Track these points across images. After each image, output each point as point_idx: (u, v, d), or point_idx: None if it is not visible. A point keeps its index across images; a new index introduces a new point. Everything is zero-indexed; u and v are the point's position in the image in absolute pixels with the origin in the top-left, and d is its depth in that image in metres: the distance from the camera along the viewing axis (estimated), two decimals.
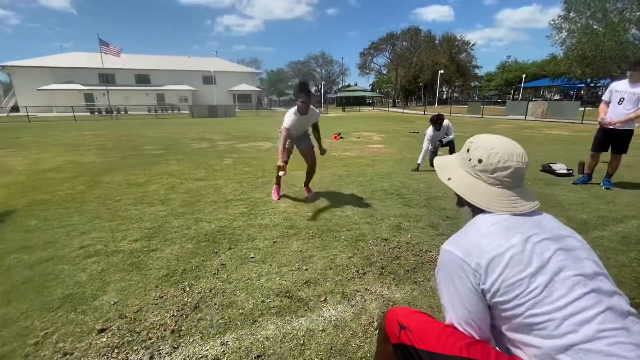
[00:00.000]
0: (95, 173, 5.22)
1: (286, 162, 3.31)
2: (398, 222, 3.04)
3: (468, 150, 0.94)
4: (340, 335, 1.58)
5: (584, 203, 3.64)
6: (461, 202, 1.04)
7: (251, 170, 5.37)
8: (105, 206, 3.54)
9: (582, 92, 40.39)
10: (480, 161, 0.89)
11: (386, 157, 6.72)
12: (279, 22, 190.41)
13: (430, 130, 5.27)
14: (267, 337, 1.56)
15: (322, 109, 39.63)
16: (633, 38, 25.04)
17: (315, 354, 1.46)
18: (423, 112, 28.31)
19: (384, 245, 2.56)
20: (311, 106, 3.40)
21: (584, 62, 27.36)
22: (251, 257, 2.37)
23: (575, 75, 32.06)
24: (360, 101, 52.48)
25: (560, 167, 5.11)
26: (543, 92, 52.70)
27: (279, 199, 3.68)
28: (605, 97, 4.28)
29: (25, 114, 23.30)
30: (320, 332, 1.60)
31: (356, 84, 70.79)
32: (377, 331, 1.02)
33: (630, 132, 4.05)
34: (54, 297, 1.88)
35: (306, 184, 3.95)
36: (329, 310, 1.77)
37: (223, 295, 1.90)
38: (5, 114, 29.91)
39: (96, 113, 32.22)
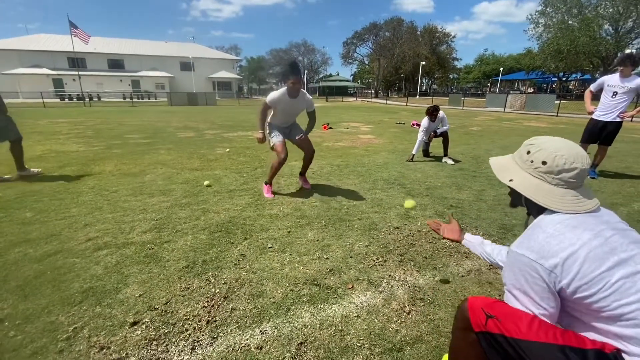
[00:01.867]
0: (83, 163, 4.97)
1: (286, 156, 3.33)
2: (406, 211, 3.11)
3: (528, 152, 0.97)
4: (376, 320, 1.62)
5: None
6: (515, 202, 1.09)
7: (247, 161, 5.29)
8: (103, 197, 3.39)
9: (554, 86, 42.17)
10: (544, 163, 0.92)
11: (379, 148, 6.79)
12: (258, 8, 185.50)
13: (425, 121, 5.36)
14: (304, 325, 1.58)
15: None
16: (606, 34, 26.28)
17: (357, 339, 1.50)
18: (405, 104, 28.66)
19: (397, 234, 2.62)
20: (302, 90, 3.24)
21: (559, 57, 28.50)
22: (269, 247, 2.36)
23: (549, 69, 33.36)
24: (342, 91, 52.48)
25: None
26: (518, 85, 54.53)
27: (273, 196, 3.47)
28: (592, 87, 4.50)
29: None
30: (356, 318, 1.64)
31: (338, 74, 70.50)
32: (455, 319, 1.04)
33: (617, 125, 4.30)
34: (72, 291, 1.81)
35: (302, 173, 3.83)
36: (359, 297, 1.81)
37: (250, 285, 1.89)
38: None
39: (67, 100, 30.40)
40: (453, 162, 5.30)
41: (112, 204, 3.21)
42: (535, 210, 0.96)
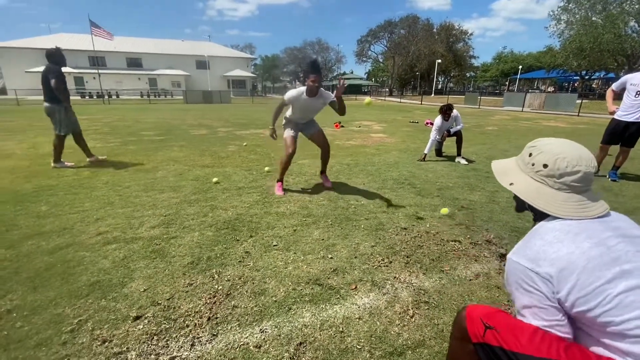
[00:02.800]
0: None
1: (294, 150, 3.30)
2: (414, 212, 3.05)
3: (530, 154, 0.92)
4: (378, 322, 1.59)
5: None
6: (520, 207, 1.03)
7: (258, 158, 5.31)
8: (116, 192, 3.47)
9: (576, 85, 40.69)
10: (545, 166, 0.87)
11: (390, 147, 6.71)
12: (274, 7, 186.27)
13: (438, 120, 5.25)
14: (305, 325, 1.56)
15: None
16: (631, 31, 25.13)
17: (357, 341, 1.47)
18: (420, 102, 28.24)
19: (405, 235, 2.57)
20: (321, 89, 3.16)
21: (581, 54, 27.43)
22: (274, 245, 2.35)
23: (571, 68, 32.16)
24: (356, 89, 52.07)
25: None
26: (537, 84, 52.90)
27: (284, 194, 3.47)
28: (615, 87, 4.31)
29: (15, 97, 22.57)
30: (357, 320, 1.61)
31: (352, 72, 70.12)
32: (452, 327, 1.00)
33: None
34: (80, 284, 1.84)
35: (323, 170, 3.80)
36: (362, 298, 1.78)
37: (253, 283, 1.89)
38: None
39: (87, 97, 31.35)
40: (466, 162, 5.18)
41: (123, 199, 3.27)
42: (539, 215, 0.91)
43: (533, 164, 0.90)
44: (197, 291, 1.81)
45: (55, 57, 4.25)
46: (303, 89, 3.11)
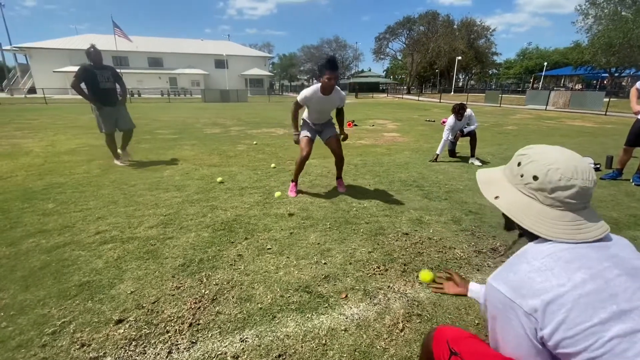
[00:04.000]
0: (110, 157, 5.21)
1: (309, 153, 3.22)
2: (419, 216, 2.93)
3: (519, 164, 0.79)
4: (364, 336, 1.51)
5: (614, 200, 3.44)
6: (510, 225, 0.90)
7: (265, 158, 5.29)
8: (121, 191, 3.52)
9: (605, 82, 38.64)
10: (535, 178, 0.74)
11: (402, 146, 6.55)
12: (292, 6, 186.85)
13: (451, 120, 5.06)
14: (287, 335, 1.50)
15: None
16: None
17: (339, 356, 1.39)
18: (439, 100, 27.58)
19: (405, 240, 2.46)
20: (336, 87, 3.05)
21: (610, 50, 26.01)
22: (268, 249, 2.30)
23: (600, 64, 30.55)
24: (373, 87, 51.52)
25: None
26: (564, 81, 50.61)
27: (296, 196, 3.41)
28: (639, 85, 4.06)
29: (42, 95, 23.65)
30: (343, 332, 1.53)
31: (370, 70, 69.34)
32: (421, 348, 0.91)
33: None
34: (70, 284, 1.85)
35: (339, 176, 3.63)
36: (351, 308, 1.70)
37: (241, 288, 1.84)
38: (23, 96, 30.45)
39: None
40: (480, 164, 4.97)
41: (127, 197, 3.31)
42: (528, 235, 0.79)
43: (522, 175, 0.78)
44: (184, 295, 1.78)
45: (90, 56, 4.27)
46: (316, 87, 2.98)
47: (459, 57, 39.66)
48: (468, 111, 5.01)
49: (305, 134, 3.30)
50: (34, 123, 10.04)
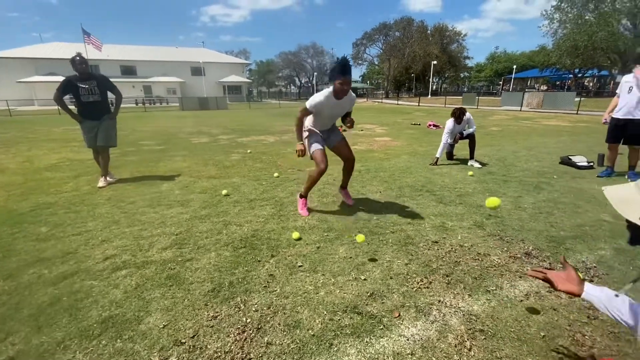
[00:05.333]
0: (97, 172, 4.86)
1: (326, 166, 2.98)
2: (441, 222, 2.88)
3: None
4: (434, 359, 1.40)
5: None
6: (636, 240, 0.84)
7: (264, 167, 5.12)
8: (120, 209, 3.26)
9: (569, 83, 40.99)
10: None
11: (398, 151, 6.55)
12: (266, 12, 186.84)
13: (450, 123, 5.10)
14: None
15: None
16: (624, 29, 25.37)
17: None
18: (418, 104, 28.23)
19: (437, 249, 2.39)
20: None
21: (575, 53, 27.65)
22: (299, 266, 2.16)
23: (565, 66, 32.40)
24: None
25: (580, 160, 5.03)
26: (531, 83, 53.27)
27: (308, 214, 3.07)
28: (618, 91, 4.41)
29: (6, 107, 22.20)
30: (409, 356, 1.42)
31: None
32: None
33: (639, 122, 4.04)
34: (91, 321, 1.64)
35: (344, 185, 3.38)
36: (408, 328, 1.59)
37: (284, 313, 1.70)
38: None
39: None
40: (480, 166, 5.03)
41: (129, 216, 3.06)
42: None
43: None
44: (224, 325, 1.61)
45: (75, 65, 3.85)
46: (328, 91, 2.78)
47: (434, 62, 40.86)
48: (467, 115, 5.07)
49: (317, 147, 3.00)
50: (3, 137, 9.34)
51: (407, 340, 1.51)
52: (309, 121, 3.08)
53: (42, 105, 28.85)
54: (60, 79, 3.97)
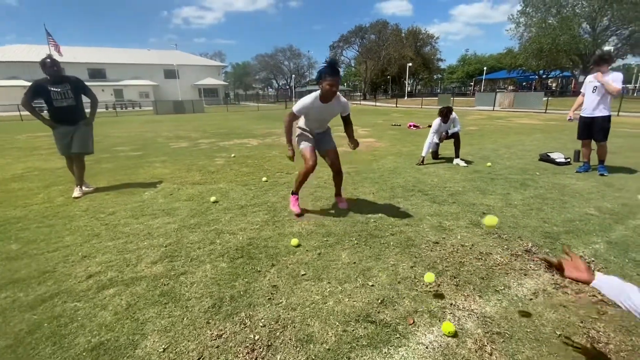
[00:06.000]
0: (70, 181, 4.53)
1: (315, 163, 2.96)
2: (438, 222, 2.87)
3: None
4: None
5: (600, 191, 3.69)
6: None
7: (251, 171, 4.96)
8: (100, 221, 3.02)
9: (535, 83, 43.23)
10: None
11: (384, 151, 6.57)
12: (241, 15, 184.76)
13: (436, 122, 5.17)
14: None
15: (294, 102, 39.02)
16: (584, 32, 27.06)
17: None
18: (395, 105, 28.74)
19: (440, 250, 2.36)
20: (337, 93, 2.73)
21: (540, 55, 29.18)
22: (302, 275, 2.06)
23: (531, 67, 34.15)
24: None
25: (558, 156, 5.23)
26: (499, 84, 55.71)
27: (301, 213, 3.07)
28: (582, 90, 4.62)
29: None
30: None
31: None
32: None
33: (603, 119, 4.30)
34: (79, 349, 1.47)
35: (337, 193, 3.34)
36: (425, 335, 1.54)
37: (294, 327, 1.59)
38: None
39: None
40: (465, 164, 5.12)
41: (110, 228, 2.85)
42: None
43: None
44: (230, 344, 1.49)
45: (45, 68, 3.56)
46: (315, 94, 2.72)
47: (410, 64, 41.81)
48: (452, 114, 5.16)
49: (306, 144, 3.00)
50: None
51: (427, 348, 1.46)
52: (301, 122, 3.07)
53: (3, 111, 26.94)
54: (23, 83, 3.65)
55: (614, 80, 4.09)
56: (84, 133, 3.85)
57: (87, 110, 4.00)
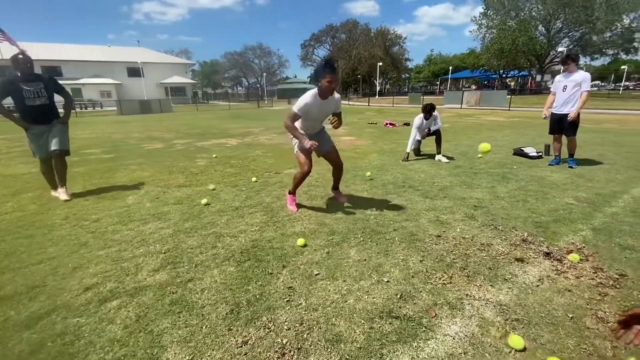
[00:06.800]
0: (40, 187, 4.18)
1: (310, 167, 2.93)
2: (435, 216, 2.95)
3: None
4: (487, 355, 1.40)
5: (573, 182, 3.97)
6: None
7: (238, 172, 4.84)
8: (84, 229, 2.81)
9: (496, 82, 45.74)
10: None
11: (366, 150, 6.66)
12: (206, 11, 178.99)
13: (418, 119, 5.31)
14: None
15: (266, 101, 38.55)
16: (539, 34, 29.02)
17: None
18: (367, 104, 29.21)
19: (444, 243, 2.43)
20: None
21: (501, 55, 30.92)
22: (316, 274, 2.04)
23: (492, 67, 36.07)
24: (301, 93, 52.02)
25: (531, 151, 5.56)
26: (463, 83, 58.37)
27: (297, 211, 3.09)
28: (552, 89, 4.96)
29: None
30: (463, 355, 1.40)
31: (295, 76, 70.29)
32: None
33: (576, 116, 4.62)
34: None
35: (335, 187, 3.41)
36: (449, 326, 1.57)
37: (320, 328, 1.57)
38: None
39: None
40: (447, 160, 5.30)
41: (98, 236, 2.66)
42: None
43: None
44: (258, 350, 1.44)
45: (17, 65, 3.33)
46: (314, 92, 2.71)
47: (380, 63, 42.64)
48: (435, 112, 5.32)
49: (302, 148, 2.93)
50: None
51: (454, 339, 1.49)
52: (297, 125, 2.99)
53: None
54: None
55: (584, 80, 4.42)
56: (61, 131, 3.62)
57: (60, 111, 3.70)
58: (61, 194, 3.64)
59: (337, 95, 2.88)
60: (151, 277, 2.04)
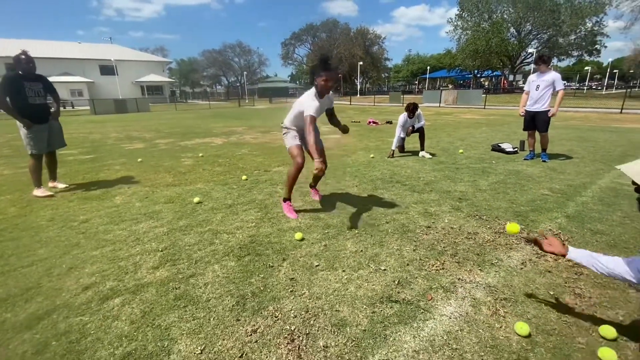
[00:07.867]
0: (19, 189, 4.03)
1: (304, 160, 2.95)
2: (424, 209, 3.09)
3: None
4: (481, 330, 1.52)
5: (547, 175, 4.23)
6: None
7: (227, 170, 4.82)
8: (74, 230, 2.75)
9: (470, 82, 47.33)
10: None
11: (352, 147, 6.78)
12: (182, 9, 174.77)
13: (402, 118, 5.47)
14: (415, 351, 1.41)
15: (247, 100, 38.10)
16: (511, 36, 30.30)
17: (477, 355, 1.37)
18: (349, 103, 29.48)
19: (434, 233, 2.56)
20: None
21: (476, 56, 32.05)
22: (316, 266, 2.11)
23: (467, 67, 37.30)
24: (282, 92, 52.01)
25: (507, 146, 5.86)
26: (440, 83, 59.98)
27: (297, 216, 2.96)
28: (525, 88, 5.27)
29: None
30: (459, 332, 1.51)
31: (276, 75, 69.85)
32: None
33: (545, 112, 4.97)
34: None
35: (313, 185, 3.46)
36: (445, 307, 1.69)
37: (325, 314, 1.65)
38: None
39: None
40: (430, 156, 5.50)
41: (90, 237, 2.61)
42: None
43: None
44: (268, 337, 1.50)
45: (20, 64, 3.48)
46: (313, 93, 2.71)
47: (361, 63, 43.09)
48: (418, 110, 5.50)
49: (294, 142, 2.95)
50: None
51: (449, 318, 1.61)
52: (288, 121, 3.02)
53: None
54: None
55: (555, 80, 4.72)
56: (59, 129, 3.94)
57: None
58: (58, 185, 4.02)
59: (331, 94, 2.92)
60: (151, 275, 2.04)
